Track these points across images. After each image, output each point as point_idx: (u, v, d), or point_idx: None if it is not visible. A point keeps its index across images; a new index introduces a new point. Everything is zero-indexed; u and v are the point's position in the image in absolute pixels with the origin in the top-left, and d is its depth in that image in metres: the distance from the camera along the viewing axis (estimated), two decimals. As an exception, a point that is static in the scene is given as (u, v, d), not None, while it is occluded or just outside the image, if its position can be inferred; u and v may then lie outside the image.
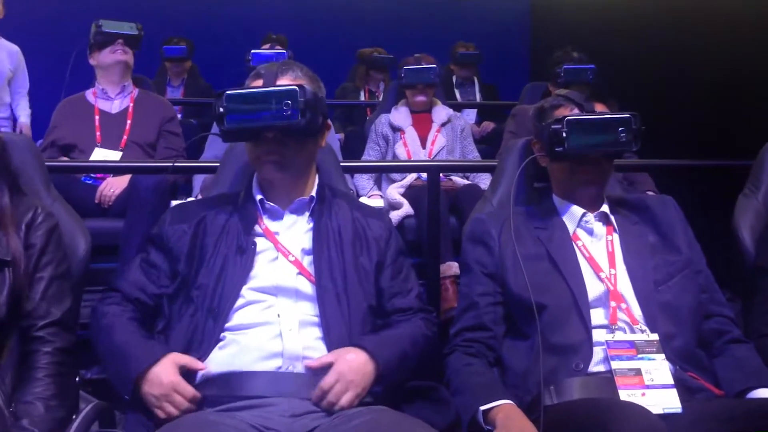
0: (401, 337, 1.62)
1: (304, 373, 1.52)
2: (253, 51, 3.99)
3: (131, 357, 1.51)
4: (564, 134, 1.72)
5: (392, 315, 1.69)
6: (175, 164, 2.32)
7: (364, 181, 3.69)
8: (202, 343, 1.55)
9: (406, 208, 3.32)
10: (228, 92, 1.58)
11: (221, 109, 1.57)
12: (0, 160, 1.63)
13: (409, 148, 3.70)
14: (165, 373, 1.48)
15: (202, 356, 1.54)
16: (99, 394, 1.75)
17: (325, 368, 1.51)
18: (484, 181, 3.55)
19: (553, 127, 1.74)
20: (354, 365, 1.50)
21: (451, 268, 3.08)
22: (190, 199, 3.14)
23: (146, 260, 1.69)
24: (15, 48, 4.06)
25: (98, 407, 1.55)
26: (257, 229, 1.67)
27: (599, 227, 1.80)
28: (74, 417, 1.51)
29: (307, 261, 1.65)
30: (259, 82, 1.65)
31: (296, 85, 1.58)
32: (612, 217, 1.81)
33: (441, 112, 3.85)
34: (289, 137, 1.62)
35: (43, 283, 1.57)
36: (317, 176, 1.76)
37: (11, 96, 4.10)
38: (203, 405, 1.49)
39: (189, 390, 1.47)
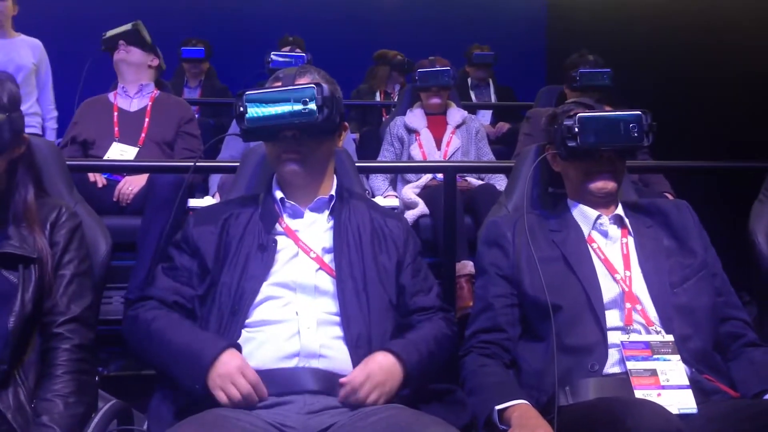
0: (426, 338, 1.63)
1: (320, 369, 1.54)
2: (273, 53, 4.01)
3: (199, 348, 1.50)
4: (576, 130, 1.74)
5: (414, 314, 1.70)
6: (197, 164, 2.34)
7: (379, 181, 3.70)
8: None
9: (422, 208, 3.34)
10: (248, 92, 1.61)
11: (241, 109, 1.60)
12: (26, 160, 1.66)
13: (424, 149, 3.71)
14: (232, 357, 1.48)
15: None
16: (116, 390, 1.76)
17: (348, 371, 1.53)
18: (498, 181, 3.56)
19: (565, 123, 1.77)
20: (384, 366, 1.51)
21: (466, 267, 3.09)
22: (207, 198, 3.17)
23: (172, 266, 1.69)
24: (37, 42, 4.09)
25: (117, 406, 1.56)
26: (278, 227, 1.69)
27: (614, 230, 1.81)
28: (93, 415, 1.52)
29: (327, 258, 1.67)
30: (278, 85, 1.68)
31: (314, 84, 1.60)
32: (627, 220, 1.81)
33: (456, 114, 3.85)
34: (307, 135, 1.64)
35: (64, 280, 1.60)
36: (335, 177, 1.78)
37: (38, 92, 4.13)
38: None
39: (254, 375, 1.47)
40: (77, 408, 1.50)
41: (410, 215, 3.28)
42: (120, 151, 3.16)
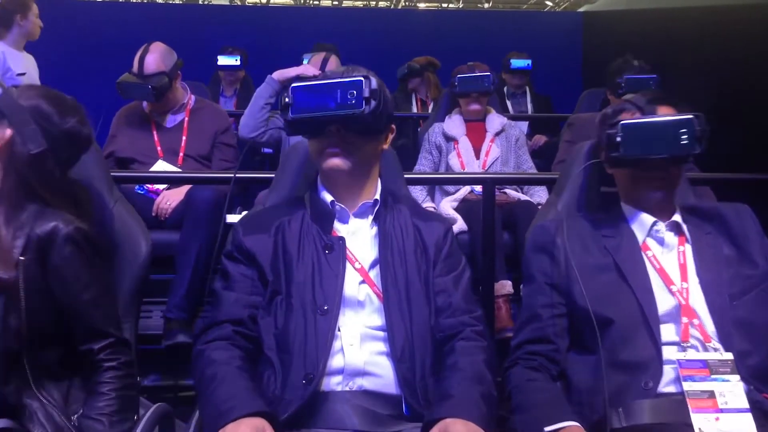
0: (471, 383, 1.49)
1: (365, 390, 1.50)
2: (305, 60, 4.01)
3: (227, 408, 1.36)
4: (618, 139, 1.66)
5: (438, 317, 1.60)
6: (236, 175, 2.32)
7: (417, 191, 3.64)
8: (317, 344, 1.50)
9: (460, 224, 3.25)
10: (294, 84, 1.58)
11: (287, 100, 1.57)
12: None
13: (462, 158, 3.63)
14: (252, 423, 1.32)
15: (321, 356, 1.48)
16: (154, 400, 1.74)
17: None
18: (538, 193, 3.49)
19: (608, 132, 1.69)
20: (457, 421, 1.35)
21: (505, 287, 3.01)
22: (245, 213, 3.14)
23: (231, 281, 1.61)
24: (31, 57, 4.17)
25: (160, 410, 1.56)
26: (333, 229, 1.65)
27: (671, 237, 1.72)
28: (136, 418, 1.55)
29: (371, 269, 1.62)
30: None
31: (362, 76, 1.57)
32: (684, 227, 1.73)
33: (495, 121, 3.77)
34: (352, 131, 1.59)
35: (88, 306, 1.56)
36: (379, 181, 1.73)
37: None
38: None
39: None
40: (122, 426, 1.53)
41: (449, 230, 3.21)
42: (164, 169, 3.14)
